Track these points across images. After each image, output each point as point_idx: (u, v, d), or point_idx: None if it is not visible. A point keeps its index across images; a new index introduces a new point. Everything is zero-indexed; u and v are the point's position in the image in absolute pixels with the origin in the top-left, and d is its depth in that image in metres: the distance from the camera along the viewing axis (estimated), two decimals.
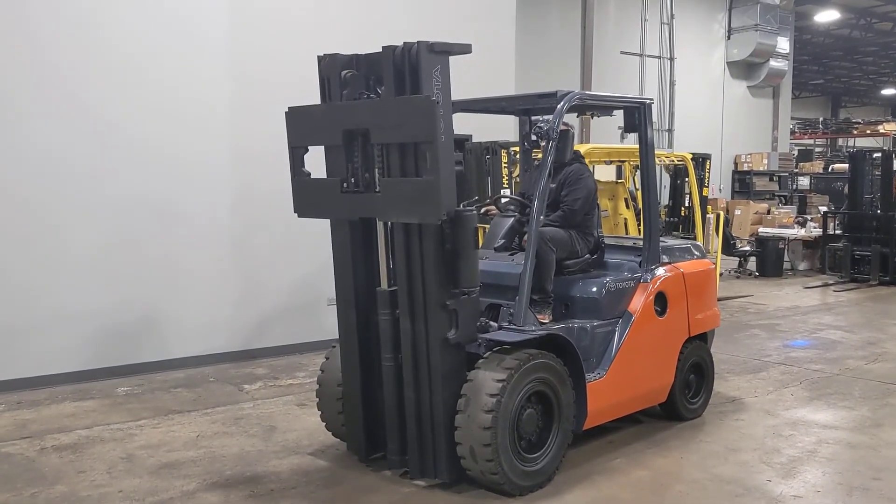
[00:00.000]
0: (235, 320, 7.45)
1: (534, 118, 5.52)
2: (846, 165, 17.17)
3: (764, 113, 20.78)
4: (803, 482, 4.59)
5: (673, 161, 10.79)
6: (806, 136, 30.83)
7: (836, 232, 13.62)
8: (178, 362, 7.07)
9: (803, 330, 9.10)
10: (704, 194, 10.73)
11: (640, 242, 5.51)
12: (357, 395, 4.66)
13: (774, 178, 20.56)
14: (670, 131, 16.95)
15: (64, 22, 6.47)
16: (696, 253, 5.91)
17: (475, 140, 8.36)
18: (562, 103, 4.74)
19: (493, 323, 4.58)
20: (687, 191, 10.96)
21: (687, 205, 11.16)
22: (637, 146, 5.55)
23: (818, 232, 14.03)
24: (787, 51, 19.93)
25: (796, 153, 24.81)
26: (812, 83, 32.77)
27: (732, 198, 18.87)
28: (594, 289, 5.10)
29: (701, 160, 10.84)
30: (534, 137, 4.74)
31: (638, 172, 7.97)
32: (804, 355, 7.77)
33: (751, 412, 5.90)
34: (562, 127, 4.90)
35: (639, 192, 7.82)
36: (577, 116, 12.28)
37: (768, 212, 15.62)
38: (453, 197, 4.20)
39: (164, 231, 7.00)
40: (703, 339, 5.87)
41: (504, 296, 4.79)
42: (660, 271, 5.41)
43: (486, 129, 7.91)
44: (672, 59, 16.92)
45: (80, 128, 6.56)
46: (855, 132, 29.30)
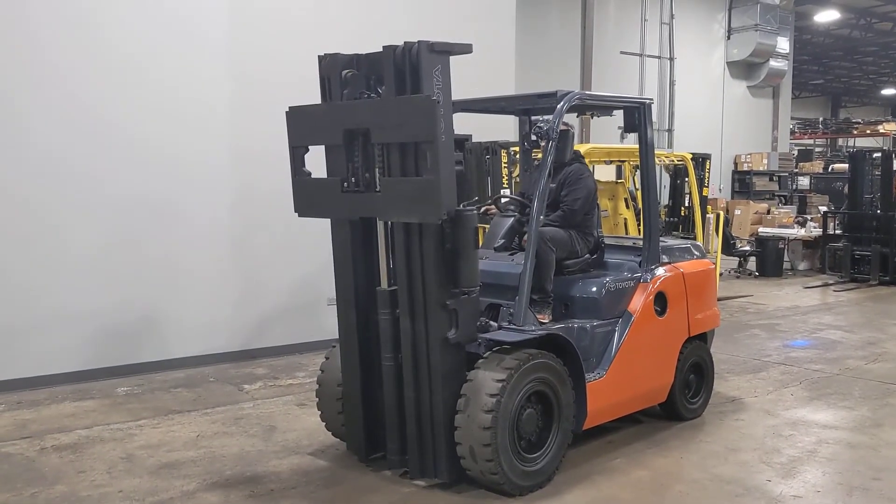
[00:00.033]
0: (235, 320, 7.46)
1: (534, 118, 5.52)
2: (846, 165, 17.18)
3: (764, 113, 20.78)
4: (803, 482, 4.60)
5: (673, 161, 10.78)
6: (806, 136, 30.82)
7: (836, 232, 13.62)
8: (178, 362, 7.07)
9: (803, 330, 9.09)
10: (704, 194, 10.74)
11: (640, 242, 5.51)
12: (357, 394, 4.66)
13: (774, 178, 20.56)
14: (670, 131, 16.96)
15: (64, 22, 6.47)
16: (696, 253, 5.91)
17: (475, 140, 8.36)
18: (562, 103, 4.74)
19: (492, 323, 4.58)
20: (687, 191, 10.96)
21: (687, 205, 11.16)
22: (637, 146, 5.55)
23: (818, 232, 14.03)
24: (787, 51, 19.93)
25: (796, 153, 24.80)
26: (812, 83, 32.78)
27: (732, 198, 18.87)
28: (594, 289, 5.10)
29: (701, 160, 10.84)
30: (534, 137, 4.74)
31: (638, 172, 7.97)
32: (804, 355, 7.77)
33: (751, 412, 5.90)
34: (562, 127, 4.90)
35: (639, 192, 7.82)
36: (577, 116, 12.29)
37: (768, 212, 15.61)
38: (453, 197, 4.20)
39: (164, 231, 7.00)
40: (703, 338, 5.87)
41: (504, 296, 4.79)
42: (660, 271, 5.41)
43: (486, 129, 7.90)
44: (672, 59, 16.93)
45: (80, 128, 6.56)
46: (855, 132, 29.29)
